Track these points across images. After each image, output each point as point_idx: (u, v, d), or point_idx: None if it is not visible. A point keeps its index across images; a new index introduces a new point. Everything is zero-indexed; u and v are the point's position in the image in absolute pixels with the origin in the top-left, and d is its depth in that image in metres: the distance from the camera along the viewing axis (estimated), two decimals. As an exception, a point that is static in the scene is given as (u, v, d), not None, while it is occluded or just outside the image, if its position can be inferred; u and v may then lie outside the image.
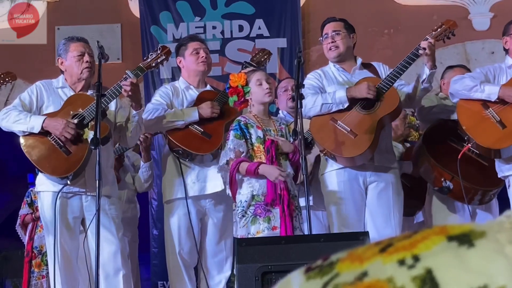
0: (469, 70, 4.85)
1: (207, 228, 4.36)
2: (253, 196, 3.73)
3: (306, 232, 3.70)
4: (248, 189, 3.76)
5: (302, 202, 3.87)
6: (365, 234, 3.42)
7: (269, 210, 3.66)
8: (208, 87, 4.55)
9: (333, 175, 4.14)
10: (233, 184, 3.79)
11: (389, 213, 4.13)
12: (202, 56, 4.46)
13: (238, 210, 3.75)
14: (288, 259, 3.04)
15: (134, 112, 4.10)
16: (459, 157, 4.14)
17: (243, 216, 3.72)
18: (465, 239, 0.42)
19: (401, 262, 0.41)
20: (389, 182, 4.15)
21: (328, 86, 4.24)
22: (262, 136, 3.83)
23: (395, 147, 5.01)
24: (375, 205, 4.13)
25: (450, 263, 0.40)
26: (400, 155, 5.01)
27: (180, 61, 4.55)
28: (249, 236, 3.61)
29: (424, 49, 4.00)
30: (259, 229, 3.65)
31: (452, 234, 0.42)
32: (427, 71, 4.07)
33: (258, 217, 3.69)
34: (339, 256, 0.44)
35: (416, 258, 0.41)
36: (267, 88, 3.89)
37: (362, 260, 0.42)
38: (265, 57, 4.69)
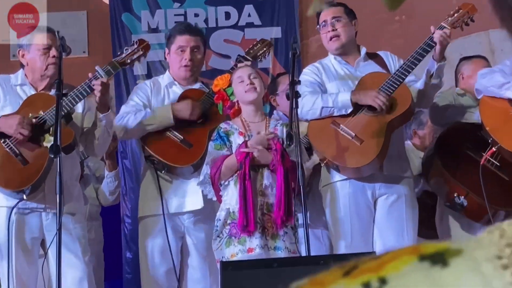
0: (488, 62, 4.86)
1: (187, 250, 4.34)
2: (229, 214, 3.74)
3: (303, 254, 3.70)
4: (224, 205, 3.78)
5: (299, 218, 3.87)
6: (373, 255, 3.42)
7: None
8: (198, 85, 4.52)
9: (336, 188, 4.15)
10: (218, 194, 3.82)
11: (402, 230, 4.13)
12: (185, 59, 4.41)
13: (214, 230, 3.78)
14: (282, 285, 3.03)
15: (100, 115, 4.09)
16: (481, 163, 4.12)
17: (218, 237, 3.75)
18: (439, 258, 0.43)
19: (366, 286, 0.41)
20: (402, 194, 4.16)
21: (328, 82, 4.25)
22: None
23: (421, 158, 5.00)
24: (385, 221, 4.13)
25: (421, 284, 0.41)
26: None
27: (168, 54, 4.53)
28: (224, 260, 3.62)
29: (440, 40, 4.01)
30: (234, 252, 3.67)
31: (425, 253, 0.43)
32: (434, 64, 4.08)
33: (233, 238, 3.70)
34: (300, 283, 0.45)
35: (383, 281, 0.41)
36: (248, 85, 3.88)
37: (324, 285, 0.42)
38: (264, 49, 4.64)
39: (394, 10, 0.56)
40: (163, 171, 4.29)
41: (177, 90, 4.46)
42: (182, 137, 4.27)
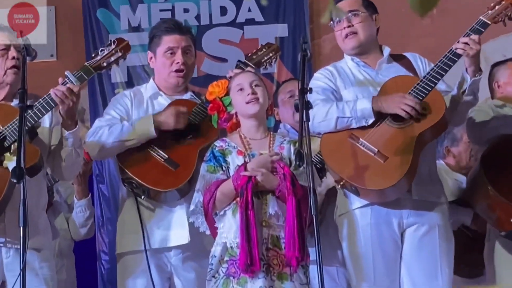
0: None
1: (174, 293, 4.33)
2: (226, 249, 3.73)
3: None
4: (220, 239, 3.76)
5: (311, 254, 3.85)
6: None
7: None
8: (188, 95, 4.52)
9: (355, 216, 4.13)
10: (212, 227, 3.81)
11: (435, 268, 4.11)
12: (177, 62, 4.43)
13: (208, 269, 3.76)
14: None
15: (66, 132, 4.07)
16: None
17: (213, 277, 3.73)
18: None
19: None
20: (435, 224, 4.14)
21: (344, 88, 4.24)
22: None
23: (456, 180, 4.98)
24: (414, 257, 4.12)
25: None
26: (460, 193, 4.98)
27: (151, 58, 4.54)
28: None
29: (464, 50, 4.01)
30: None
31: None
32: (468, 78, 4.06)
33: (231, 278, 3.68)
34: None
35: None
36: (249, 94, 3.88)
37: None
38: (271, 54, 4.64)
39: (425, 15, 0.57)
40: (142, 197, 4.27)
41: (163, 101, 4.45)
42: (167, 156, 4.26)
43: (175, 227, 4.26)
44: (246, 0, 6.39)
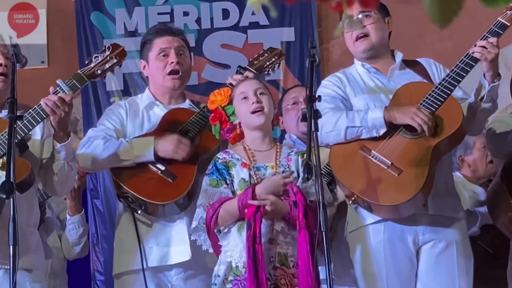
0: None
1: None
2: (231, 269, 3.71)
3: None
4: (225, 258, 3.74)
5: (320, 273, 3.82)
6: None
7: None
8: (186, 104, 4.53)
9: (367, 233, 4.12)
10: (215, 244, 3.80)
11: (453, 287, 4.09)
12: (171, 62, 4.44)
13: None
14: None
15: (58, 145, 4.06)
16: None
17: None
18: None
19: None
20: (452, 240, 4.13)
21: (354, 96, 4.24)
22: (247, 179, 3.80)
23: (474, 192, 4.96)
24: (431, 276, 4.11)
25: None
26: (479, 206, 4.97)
27: (144, 67, 4.55)
28: None
29: (481, 54, 3.99)
30: None
31: None
32: (486, 84, 4.04)
33: None
34: None
35: None
36: (253, 103, 3.86)
37: None
38: (273, 59, 4.64)
39: (445, 27, 0.57)
40: (139, 212, 4.26)
41: (159, 111, 4.45)
42: (163, 168, 4.26)
43: (175, 243, 4.26)
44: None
